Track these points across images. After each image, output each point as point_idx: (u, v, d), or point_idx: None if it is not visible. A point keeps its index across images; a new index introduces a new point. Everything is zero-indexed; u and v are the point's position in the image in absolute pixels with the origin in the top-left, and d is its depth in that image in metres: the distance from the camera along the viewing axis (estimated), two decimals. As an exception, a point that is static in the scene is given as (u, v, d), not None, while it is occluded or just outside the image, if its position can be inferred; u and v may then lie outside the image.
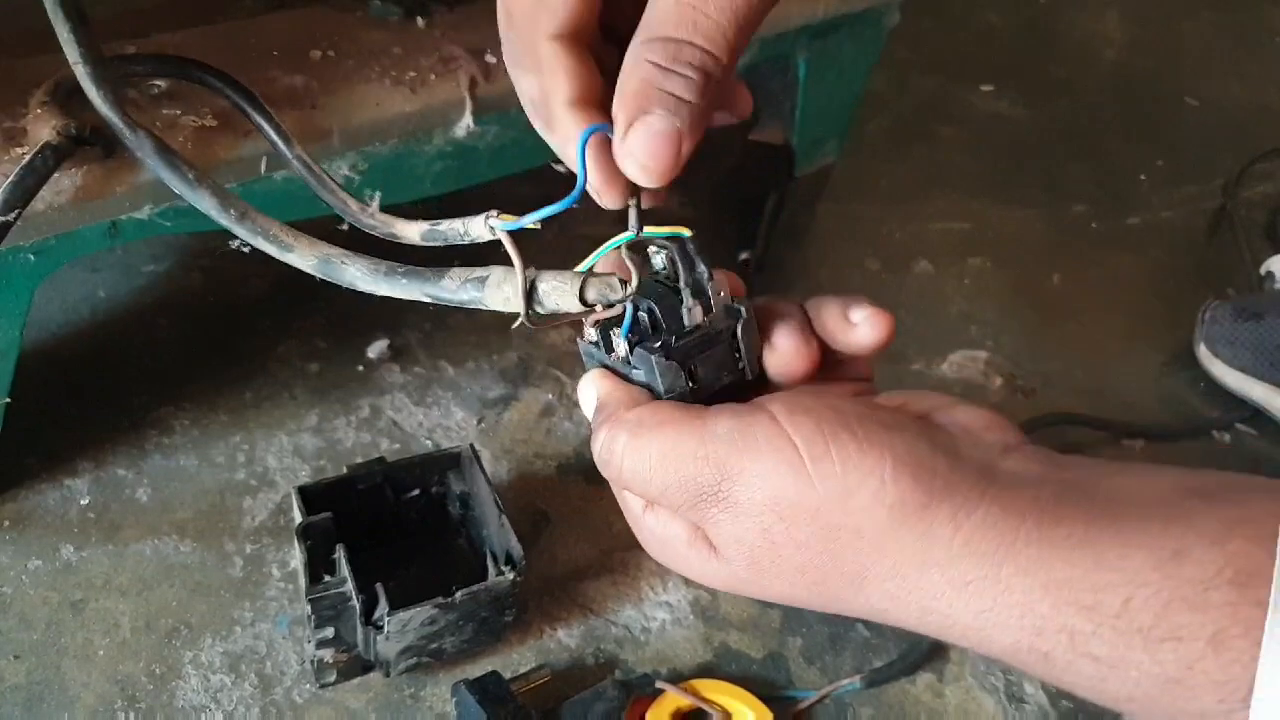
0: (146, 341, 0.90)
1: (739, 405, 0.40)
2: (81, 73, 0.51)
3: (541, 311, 0.41)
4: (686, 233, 0.41)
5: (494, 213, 0.42)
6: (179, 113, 0.57)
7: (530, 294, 0.39)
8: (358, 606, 0.63)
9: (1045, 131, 1.45)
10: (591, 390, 0.44)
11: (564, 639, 0.74)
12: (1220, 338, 1.04)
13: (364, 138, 0.61)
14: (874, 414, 0.38)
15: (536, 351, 0.96)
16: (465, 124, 0.65)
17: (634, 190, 0.40)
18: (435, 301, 0.43)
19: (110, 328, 0.90)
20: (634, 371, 0.42)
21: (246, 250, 0.51)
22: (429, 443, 0.86)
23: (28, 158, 0.49)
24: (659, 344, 0.41)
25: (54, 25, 0.50)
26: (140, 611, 0.71)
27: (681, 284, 0.42)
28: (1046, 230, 1.26)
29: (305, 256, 0.45)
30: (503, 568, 0.67)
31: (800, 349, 0.42)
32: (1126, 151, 1.42)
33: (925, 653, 0.74)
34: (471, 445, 0.74)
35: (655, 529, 0.42)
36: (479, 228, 0.42)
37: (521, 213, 0.41)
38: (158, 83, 0.59)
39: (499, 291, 0.40)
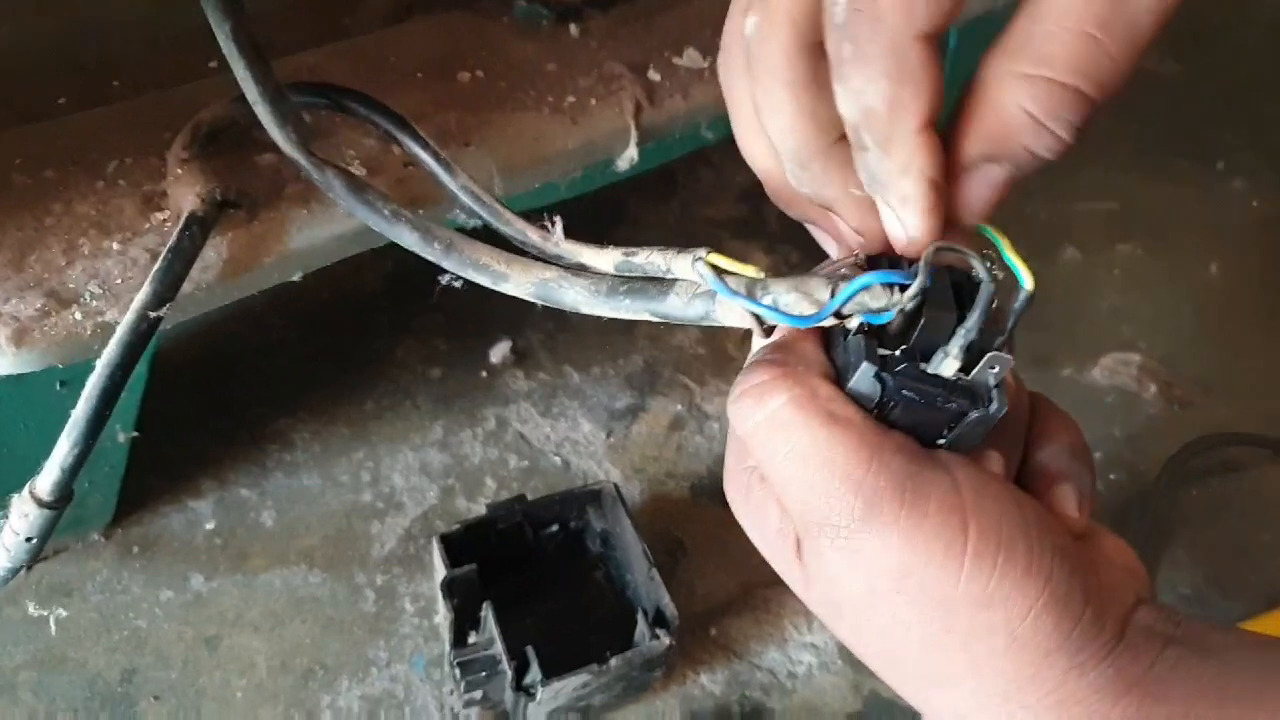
0: (260, 344, 0.86)
1: (918, 447, 0.34)
2: (262, 111, 0.46)
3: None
4: (1029, 284, 0.33)
5: (704, 252, 0.35)
6: (323, 157, 0.51)
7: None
8: (509, 672, 0.60)
9: (1200, 91, 1.31)
10: (768, 329, 0.36)
11: (707, 684, 0.71)
12: (1407, 347, 0.94)
13: (524, 180, 0.54)
14: (1052, 527, 0.34)
15: (662, 355, 0.91)
16: (629, 156, 0.58)
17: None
18: (662, 320, 0.38)
19: (223, 328, 0.86)
20: (836, 351, 0.36)
21: (459, 285, 0.45)
22: (557, 459, 0.82)
23: (174, 238, 0.44)
24: (883, 356, 0.34)
25: (230, 61, 0.44)
26: (275, 650, 0.68)
27: (964, 327, 0.33)
28: (1202, 210, 1.15)
29: (521, 283, 0.41)
30: (657, 631, 0.63)
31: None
32: (1293, 113, 1.29)
33: None
34: (615, 486, 0.70)
35: (756, 498, 0.36)
36: (684, 268, 0.36)
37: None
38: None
39: (732, 307, 0.35)
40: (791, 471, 0.33)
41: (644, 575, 0.67)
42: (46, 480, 0.46)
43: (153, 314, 0.43)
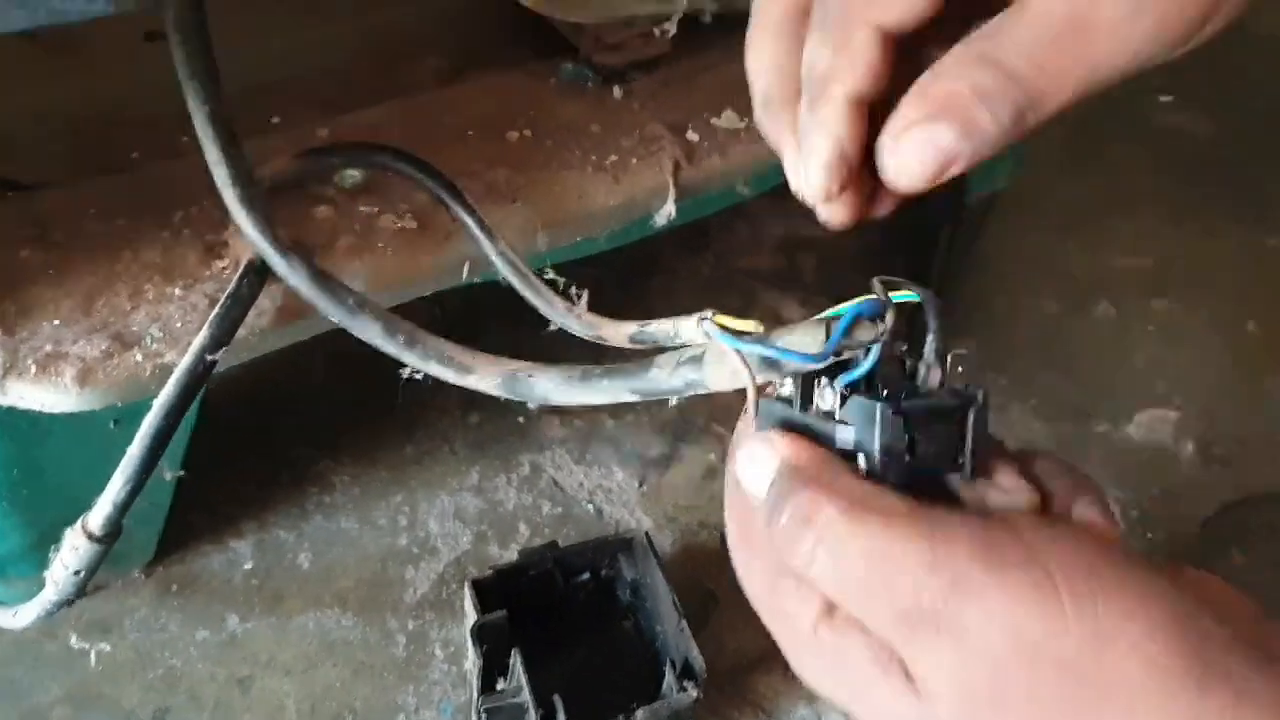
0: (303, 384, 0.87)
1: (958, 509, 0.34)
2: (230, 195, 0.47)
3: (779, 381, 0.36)
4: (919, 295, 0.35)
5: (709, 313, 0.36)
6: (376, 210, 0.53)
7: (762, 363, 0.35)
8: (537, 721, 0.61)
9: (1234, 146, 1.32)
10: (768, 452, 0.35)
11: (736, 741, 0.71)
12: None
13: (567, 235, 0.56)
14: (1129, 554, 0.33)
15: (696, 403, 0.91)
16: (667, 212, 0.59)
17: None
18: (646, 398, 0.38)
19: (267, 370, 0.87)
20: (839, 430, 0.36)
21: (419, 377, 0.47)
22: (590, 506, 0.82)
23: (232, 285, 0.45)
24: (885, 395, 0.35)
25: (202, 144, 0.45)
26: (305, 694, 0.69)
27: (928, 344, 0.36)
28: (1240, 266, 1.15)
29: (486, 376, 0.42)
30: (684, 683, 0.63)
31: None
32: (1330, 168, 1.28)
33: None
34: (647, 534, 0.70)
35: (831, 645, 0.34)
36: (690, 330, 0.38)
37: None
38: (353, 172, 0.55)
39: (721, 368, 0.36)
40: (862, 588, 0.32)
41: (674, 626, 0.67)
42: (99, 515, 0.47)
43: (209, 357, 0.44)
